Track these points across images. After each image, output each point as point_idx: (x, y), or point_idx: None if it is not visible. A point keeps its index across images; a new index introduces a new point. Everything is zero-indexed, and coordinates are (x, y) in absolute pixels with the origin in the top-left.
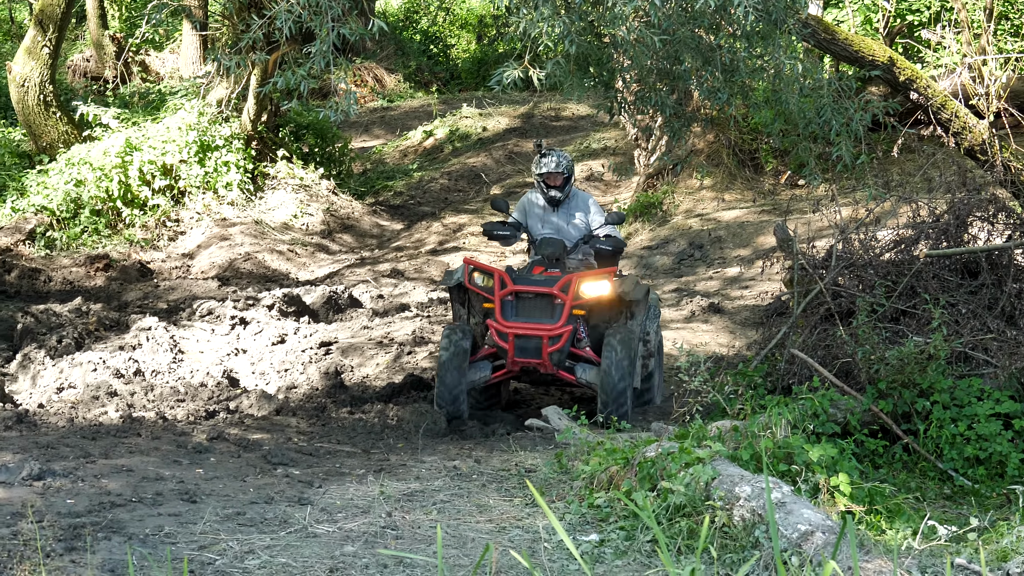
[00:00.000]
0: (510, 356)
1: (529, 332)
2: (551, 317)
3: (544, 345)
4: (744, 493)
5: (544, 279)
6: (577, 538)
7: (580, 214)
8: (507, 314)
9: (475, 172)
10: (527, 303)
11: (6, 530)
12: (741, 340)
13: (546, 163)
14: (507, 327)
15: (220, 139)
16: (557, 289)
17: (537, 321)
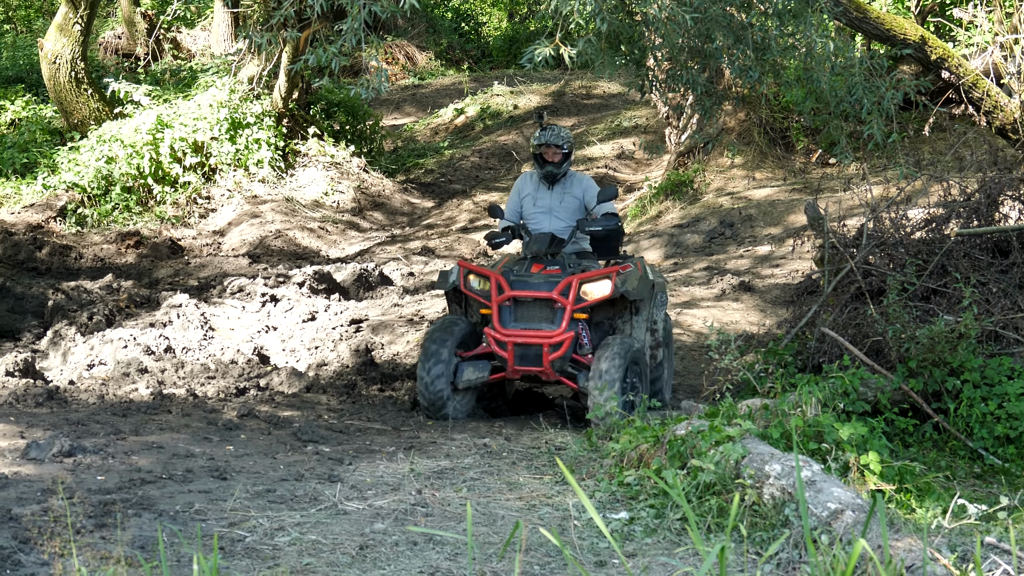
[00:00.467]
0: (510, 364)
1: (529, 340)
2: (552, 322)
3: (545, 353)
4: (774, 471)
5: (543, 281)
6: (607, 516)
7: (575, 195)
8: (505, 320)
9: (506, 150)
10: (526, 307)
11: (36, 506)
12: (771, 318)
13: (545, 135)
14: (506, 336)
15: (251, 116)
16: (557, 293)
17: (537, 327)
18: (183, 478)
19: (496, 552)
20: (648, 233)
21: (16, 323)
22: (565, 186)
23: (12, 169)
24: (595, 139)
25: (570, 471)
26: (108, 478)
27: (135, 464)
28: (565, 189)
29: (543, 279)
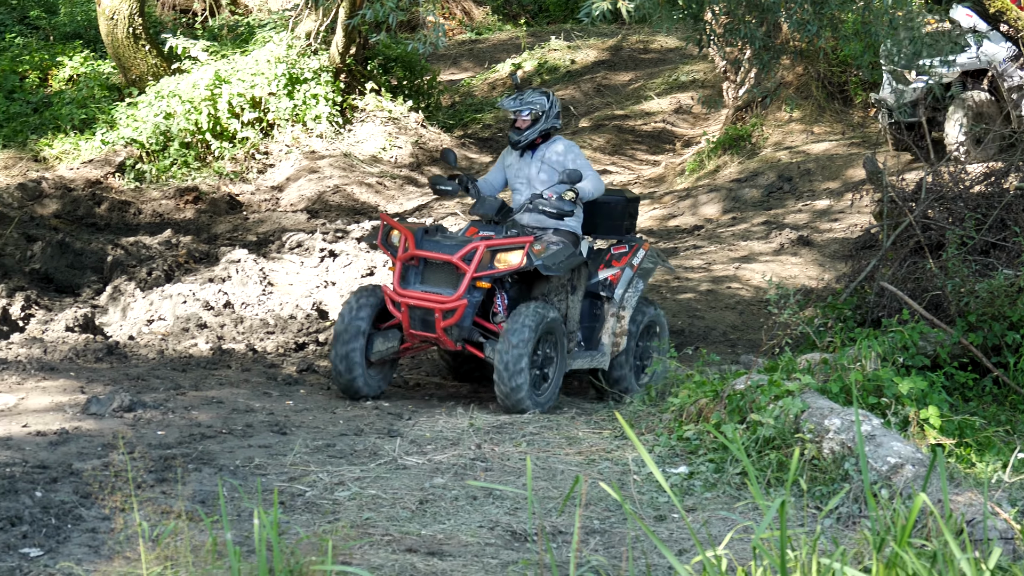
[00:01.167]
0: (405, 327)
1: (422, 303)
2: (453, 288)
3: (437, 319)
4: (834, 426)
5: (453, 244)
6: (666, 470)
7: (555, 164)
8: (408, 281)
9: (563, 105)
10: (434, 270)
11: (97, 461)
12: (830, 273)
13: (508, 102)
14: (401, 296)
15: (309, 72)
16: (458, 258)
17: (438, 291)
18: (243, 433)
19: (556, 506)
20: (706, 188)
21: (76, 279)
22: (544, 155)
23: (71, 125)
24: (653, 94)
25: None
26: (168, 433)
27: (195, 419)
28: (544, 159)
29: (459, 242)
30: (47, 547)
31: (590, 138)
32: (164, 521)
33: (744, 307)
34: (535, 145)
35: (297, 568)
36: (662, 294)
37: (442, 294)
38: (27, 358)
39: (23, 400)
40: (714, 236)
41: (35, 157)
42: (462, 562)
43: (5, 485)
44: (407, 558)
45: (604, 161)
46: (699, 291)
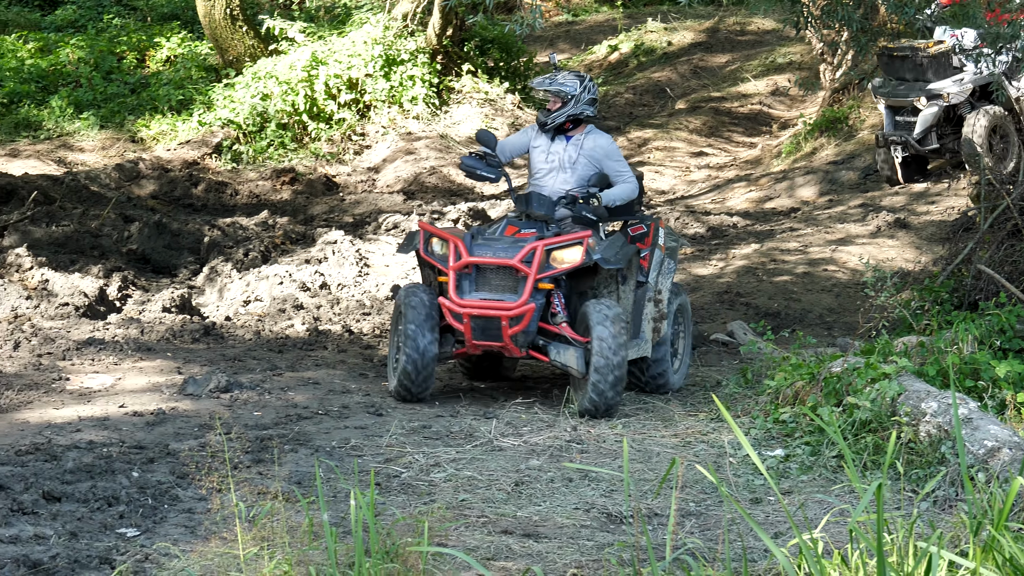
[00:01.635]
0: (468, 339)
1: (487, 312)
2: (514, 292)
3: (504, 327)
4: (930, 409)
5: (508, 246)
6: (762, 453)
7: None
8: (463, 289)
9: (660, 87)
10: (488, 274)
11: (194, 442)
12: (927, 255)
13: (539, 81)
14: (462, 307)
15: (405, 53)
16: (519, 260)
17: (498, 297)
18: (339, 414)
19: (652, 489)
20: (803, 170)
21: (173, 259)
22: (584, 145)
23: (168, 106)
24: (749, 75)
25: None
26: (265, 414)
27: (291, 400)
28: (582, 149)
29: (510, 244)
30: (143, 527)
31: (686, 120)
32: (260, 502)
33: (841, 290)
34: (565, 130)
35: (393, 549)
36: (758, 276)
37: (504, 300)
38: (124, 339)
39: (120, 381)
40: (810, 218)
41: (132, 138)
42: (557, 544)
43: (102, 465)
44: (502, 539)
45: (700, 143)
46: (795, 273)
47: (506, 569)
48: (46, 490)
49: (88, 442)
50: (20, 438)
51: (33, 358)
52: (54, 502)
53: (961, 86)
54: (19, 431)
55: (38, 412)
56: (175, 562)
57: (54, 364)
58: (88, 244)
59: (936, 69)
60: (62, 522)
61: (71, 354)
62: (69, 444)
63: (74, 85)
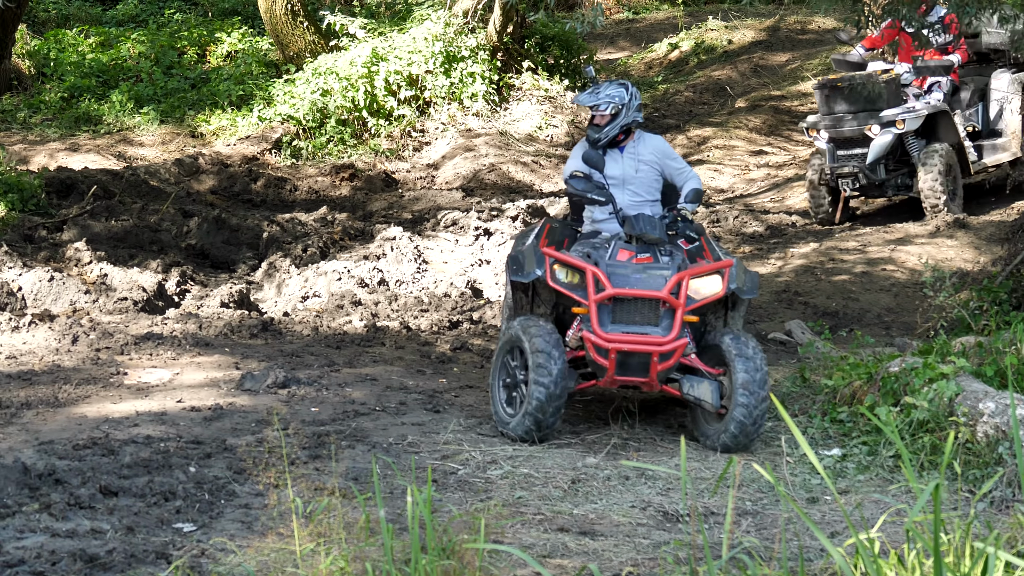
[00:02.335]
0: (610, 373)
1: (636, 347)
2: (656, 324)
3: (653, 363)
4: (988, 409)
5: (645, 276)
6: (819, 452)
7: (650, 162)
8: (603, 321)
9: (720, 85)
10: (626, 305)
11: (251, 437)
12: (986, 255)
13: (584, 97)
14: (608, 341)
15: (466, 50)
16: (667, 292)
17: (640, 330)
18: (396, 411)
19: (708, 487)
20: None
21: (231, 255)
22: (638, 152)
23: (228, 101)
24: (809, 74)
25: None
26: (322, 410)
27: (349, 396)
28: (638, 156)
29: (644, 273)
30: (200, 522)
31: (746, 119)
32: (317, 498)
33: (899, 289)
34: (617, 142)
35: (450, 546)
36: (816, 275)
37: (650, 334)
38: (182, 333)
39: (178, 375)
40: (869, 217)
41: (192, 133)
42: (613, 542)
43: (159, 460)
44: (559, 537)
45: (760, 142)
46: (854, 272)
47: (562, 567)
48: (103, 484)
49: (145, 437)
50: (78, 432)
51: (91, 352)
52: (111, 496)
53: (915, 114)
54: (77, 425)
55: (96, 406)
56: (231, 557)
57: (112, 358)
58: (147, 239)
59: (888, 97)
60: (119, 516)
61: (129, 348)
62: (126, 439)
63: (134, 80)
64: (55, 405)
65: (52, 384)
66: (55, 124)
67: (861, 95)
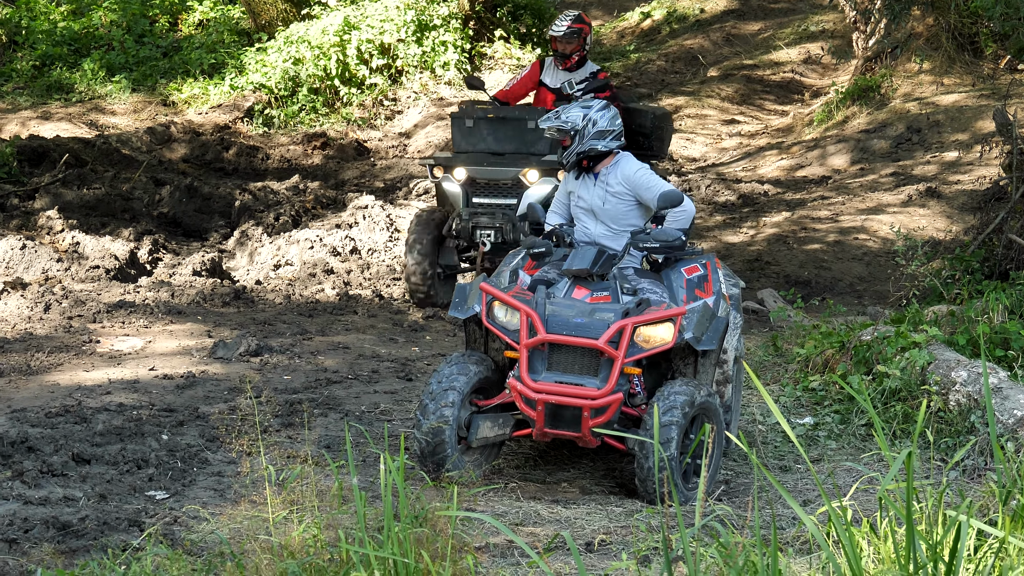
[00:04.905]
0: (539, 426)
1: (565, 400)
2: (595, 375)
3: (584, 418)
4: (960, 378)
5: (587, 321)
6: (792, 421)
7: (619, 191)
8: (536, 367)
9: (692, 54)
10: (564, 352)
11: (224, 405)
12: (959, 225)
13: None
14: (536, 391)
15: (438, 19)
16: (605, 342)
17: (576, 380)
18: (369, 379)
19: None
20: (834, 139)
21: (203, 223)
22: (607, 181)
23: (200, 70)
24: (782, 43)
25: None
26: (294, 378)
27: (321, 364)
28: (607, 186)
29: (588, 315)
30: (173, 490)
31: (718, 88)
32: (290, 465)
33: (871, 258)
34: (587, 168)
35: (422, 514)
36: (788, 244)
37: (584, 385)
38: (154, 301)
39: (150, 344)
40: (842, 187)
41: (164, 101)
42: (586, 510)
43: (132, 428)
44: (531, 505)
45: (732, 111)
46: (826, 242)
47: (535, 534)
48: (76, 452)
49: (118, 405)
50: (50, 400)
51: (63, 320)
52: (84, 464)
53: None
54: (49, 393)
55: (68, 374)
56: (204, 525)
57: (84, 327)
58: (119, 207)
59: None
60: (91, 484)
61: (101, 317)
62: (99, 406)
63: (106, 48)
64: (27, 373)
65: (24, 352)
66: (26, 92)
67: (521, 130)
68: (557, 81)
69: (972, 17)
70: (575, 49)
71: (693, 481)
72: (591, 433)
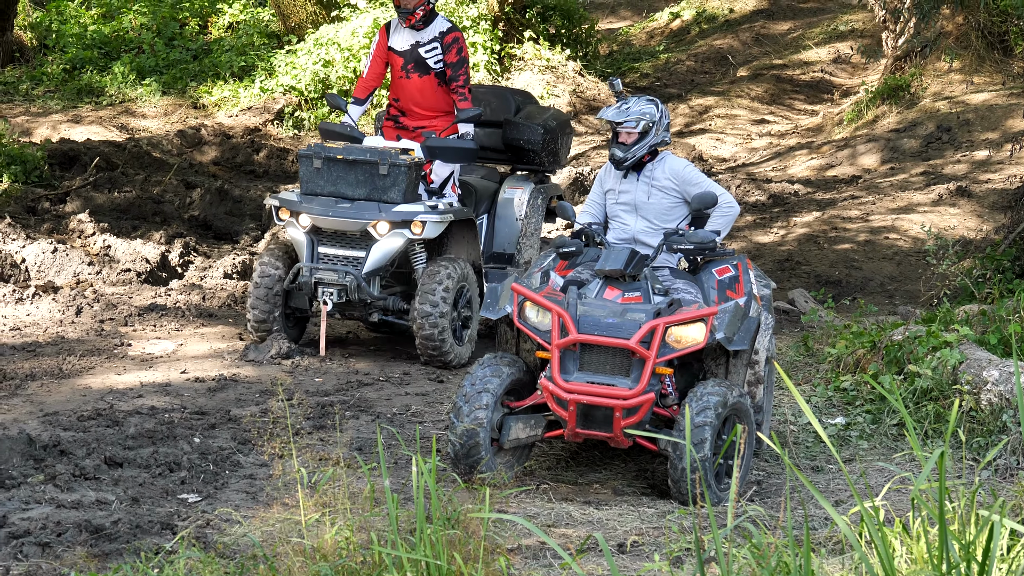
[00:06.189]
0: (571, 426)
1: (597, 400)
2: (626, 375)
3: (616, 418)
4: (992, 377)
5: (618, 321)
6: (823, 421)
7: (666, 187)
8: (567, 368)
9: (722, 54)
10: (596, 352)
11: (255, 408)
12: (989, 224)
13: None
14: (568, 392)
15: (467, 20)
16: (636, 342)
17: (607, 381)
18: (400, 381)
19: None
20: (864, 138)
21: (234, 226)
22: (653, 175)
23: (230, 72)
24: (811, 43)
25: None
26: (326, 380)
27: (352, 366)
28: (652, 180)
29: (620, 315)
30: (205, 493)
31: (748, 87)
32: (322, 468)
33: (902, 258)
34: (642, 164)
35: (455, 516)
36: (819, 244)
37: (616, 385)
38: (185, 304)
39: (181, 347)
40: (872, 186)
41: (194, 104)
42: (618, 511)
43: (164, 431)
44: (563, 507)
45: (762, 111)
46: (857, 241)
47: (567, 536)
48: (108, 455)
49: (150, 408)
50: (82, 403)
51: (95, 324)
52: (116, 467)
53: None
54: (81, 396)
55: (100, 378)
56: (236, 528)
57: (116, 330)
58: (150, 210)
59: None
60: (124, 487)
61: (133, 320)
62: (131, 410)
63: (136, 51)
64: (59, 376)
65: (56, 355)
66: (57, 96)
67: (372, 174)
68: (405, 43)
69: (1002, 16)
70: (418, 3)
71: (725, 482)
72: (623, 434)
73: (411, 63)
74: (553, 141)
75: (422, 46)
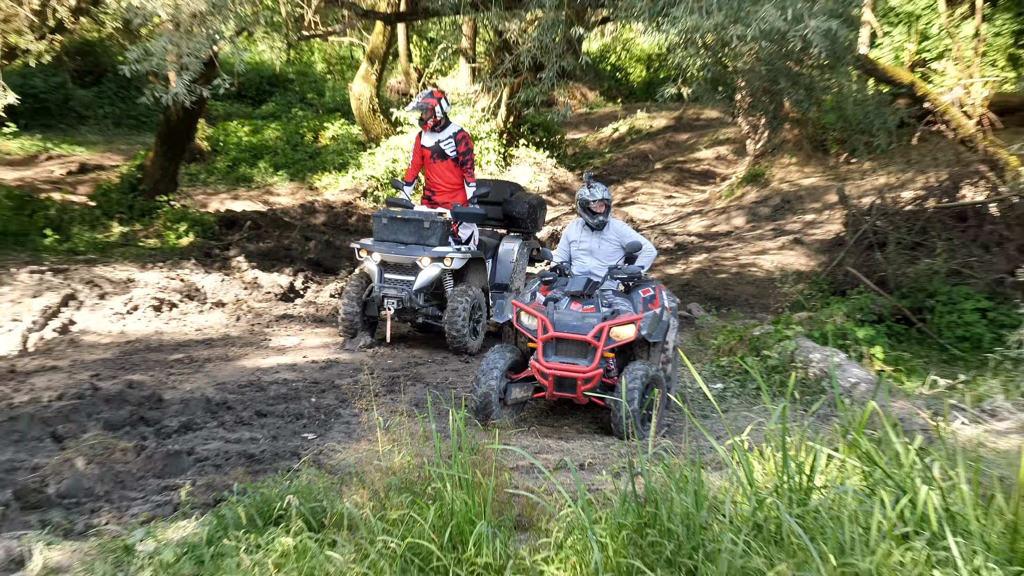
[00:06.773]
0: (550, 390)
1: (567, 373)
2: (585, 358)
3: (579, 385)
4: (815, 358)
5: (579, 323)
6: (710, 386)
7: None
8: (548, 354)
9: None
10: (565, 343)
11: (350, 379)
12: (815, 261)
13: (593, 191)
14: (548, 368)
15: (484, 133)
16: (591, 336)
17: (573, 362)
18: (442, 362)
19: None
20: (735, 207)
21: (336, 264)
22: (604, 231)
23: (333, 166)
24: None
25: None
26: (395, 361)
27: (410, 353)
28: (603, 234)
29: (580, 319)
30: (318, 433)
31: (662, 175)
32: (392, 417)
33: (759, 283)
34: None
35: (476, 447)
36: (707, 274)
37: (578, 364)
38: (305, 314)
39: (303, 341)
40: (740, 238)
41: (310, 187)
42: (579, 443)
43: (292, 394)
44: (544, 441)
45: (671, 190)
46: (730, 272)
47: (547, 460)
48: (257, 409)
49: (284, 379)
50: (240, 376)
51: (248, 326)
52: (262, 417)
53: (460, 255)
54: (240, 372)
55: (251, 361)
56: (338, 455)
57: (261, 330)
58: (282, 254)
59: (440, 235)
60: (267, 430)
61: (272, 324)
62: (271, 380)
63: (273, 153)
64: (226, 360)
65: (224, 347)
66: (223, 182)
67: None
68: (431, 141)
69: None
70: (428, 116)
71: (647, 425)
72: (583, 395)
73: (436, 154)
74: (534, 213)
75: (442, 142)
